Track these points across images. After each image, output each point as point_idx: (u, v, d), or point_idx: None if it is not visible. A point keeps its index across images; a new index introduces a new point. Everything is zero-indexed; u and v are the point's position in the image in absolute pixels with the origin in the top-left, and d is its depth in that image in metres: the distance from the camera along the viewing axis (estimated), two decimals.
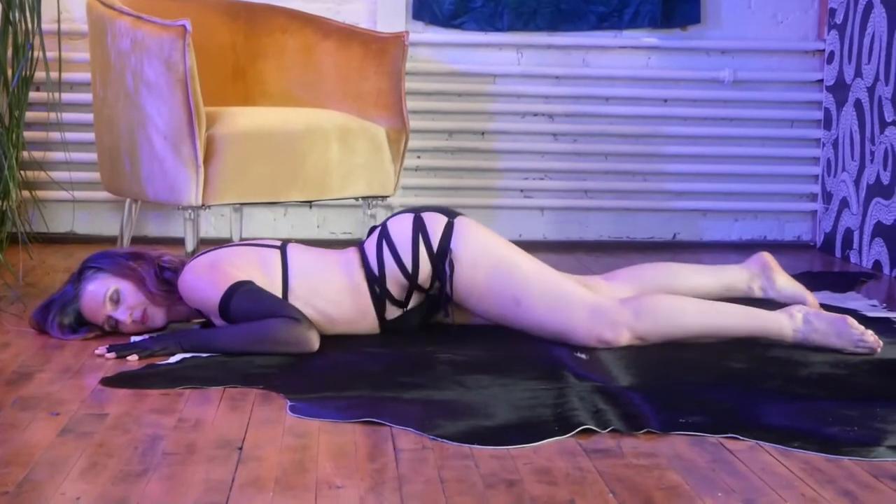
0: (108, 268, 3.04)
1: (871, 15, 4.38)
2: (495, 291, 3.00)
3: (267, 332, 2.86)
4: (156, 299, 3.04)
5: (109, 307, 3.03)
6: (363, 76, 4.16)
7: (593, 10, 4.83)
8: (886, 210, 4.24)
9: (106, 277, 3.03)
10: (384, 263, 3.03)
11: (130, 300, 3.03)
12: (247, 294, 2.91)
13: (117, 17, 3.78)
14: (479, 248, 3.01)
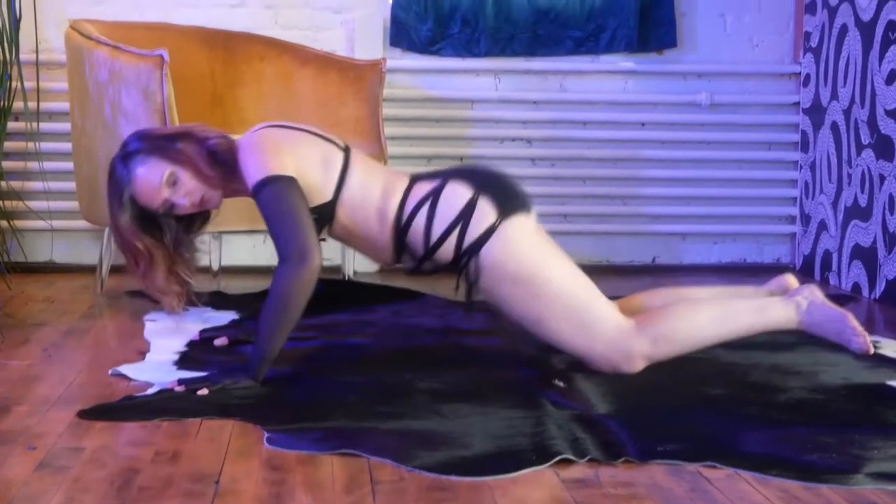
0: (158, 152, 2.93)
1: (845, 38, 4.41)
2: (516, 306, 2.95)
3: (284, 302, 2.78)
4: (211, 182, 2.95)
5: (167, 191, 2.92)
6: (341, 103, 4.17)
7: (570, 35, 4.85)
8: (864, 232, 4.26)
9: (158, 161, 2.92)
10: (413, 221, 2.97)
11: (188, 185, 2.93)
12: (277, 193, 2.82)
13: (95, 48, 3.78)
14: (507, 264, 2.92)
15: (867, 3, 4.23)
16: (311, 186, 2.93)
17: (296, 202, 2.84)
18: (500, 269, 2.93)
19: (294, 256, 2.80)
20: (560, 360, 3.10)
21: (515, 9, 4.82)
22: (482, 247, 2.93)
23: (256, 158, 2.89)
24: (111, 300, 4.06)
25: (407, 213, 2.97)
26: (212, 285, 4.35)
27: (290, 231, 2.82)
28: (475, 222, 2.94)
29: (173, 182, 2.92)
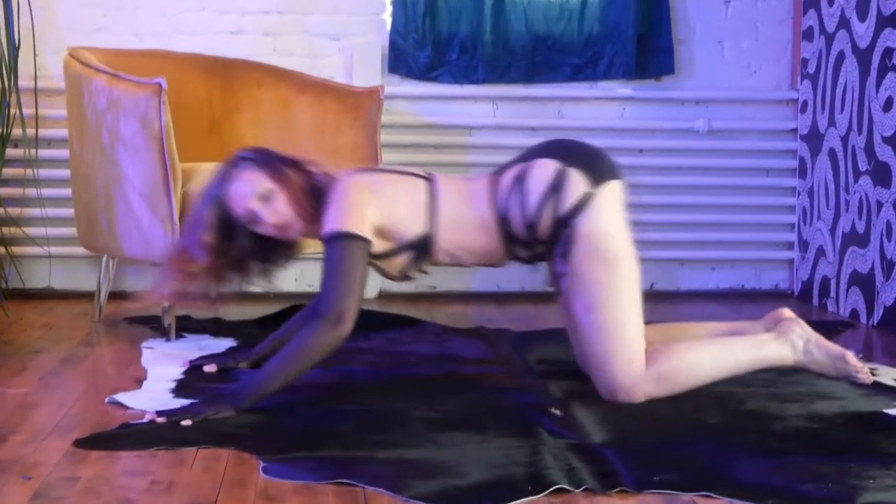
0: (266, 167, 3.01)
1: (843, 65, 4.42)
2: (586, 282, 2.95)
3: (303, 354, 2.82)
4: (301, 213, 3.00)
5: (257, 203, 2.99)
6: (339, 130, 4.18)
7: (568, 62, 4.86)
8: (862, 259, 4.27)
9: (262, 174, 3.00)
10: (509, 209, 2.99)
11: (279, 205, 2.99)
12: (343, 251, 2.86)
13: (93, 76, 3.79)
14: (599, 238, 2.93)
15: (864, 30, 4.25)
16: (403, 222, 2.99)
17: (356, 266, 2.89)
18: (592, 239, 2.94)
19: (331, 316, 2.84)
20: (557, 387, 3.11)
21: (513, 36, 4.84)
22: (578, 215, 2.94)
23: (338, 209, 2.94)
24: (109, 327, 4.06)
25: (501, 205, 3.00)
26: (209, 312, 4.34)
27: (338, 292, 2.86)
28: (567, 192, 2.96)
29: (266, 198, 2.99)
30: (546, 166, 3.00)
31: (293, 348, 2.85)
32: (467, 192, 3.07)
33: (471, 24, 4.80)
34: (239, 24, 4.74)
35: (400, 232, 3.00)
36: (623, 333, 2.94)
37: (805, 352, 3.04)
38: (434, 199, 3.02)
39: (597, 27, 4.86)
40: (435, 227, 3.01)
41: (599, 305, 2.94)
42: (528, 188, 2.99)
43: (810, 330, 3.09)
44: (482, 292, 4.90)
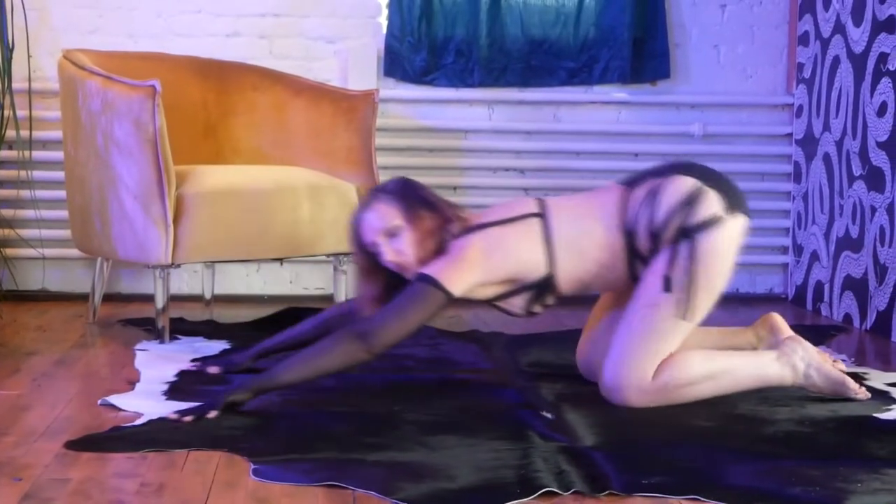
0: (404, 203, 3.03)
1: (837, 70, 4.43)
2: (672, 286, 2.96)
3: (325, 357, 2.86)
4: (421, 257, 3.02)
5: (381, 237, 3.03)
6: (334, 133, 4.19)
7: (563, 66, 4.87)
8: (856, 263, 4.27)
9: (397, 210, 3.02)
10: (637, 222, 3.00)
11: (402, 245, 3.02)
12: (425, 298, 2.89)
13: (88, 78, 3.80)
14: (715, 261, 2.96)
15: (859, 35, 4.25)
16: (521, 271, 3.02)
17: (422, 313, 2.90)
18: (708, 261, 2.95)
19: (369, 336, 2.87)
20: (549, 391, 3.12)
21: (509, 40, 4.84)
22: (703, 232, 2.95)
23: (448, 261, 2.97)
24: (103, 329, 4.06)
25: (630, 219, 3.01)
26: (204, 314, 4.35)
27: (389, 322, 2.88)
28: (700, 208, 2.97)
29: (392, 234, 3.02)
30: (684, 181, 3.01)
31: (318, 351, 2.88)
32: (591, 207, 3.07)
33: (466, 28, 4.81)
34: (235, 26, 4.75)
35: (519, 278, 3.03)
36: (659, 345, 2.96)
37: (805, 375, 3.05)
38: (549, 237, 3.03)
39: (592, 31, 4.87)
40: (554, 265, 3.02)
41: (663, 310, 2.96)
42: (660, 200, 2.99)
43: (813, 352, 3.09)
44: None
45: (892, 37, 4.03)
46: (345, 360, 2.87)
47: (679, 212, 2.97)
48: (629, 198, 3.05)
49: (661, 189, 3.01)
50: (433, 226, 3.04)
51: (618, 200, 3.06)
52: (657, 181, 3.04)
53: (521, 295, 3.07)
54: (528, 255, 3.03)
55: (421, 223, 3.03)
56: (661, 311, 2.96)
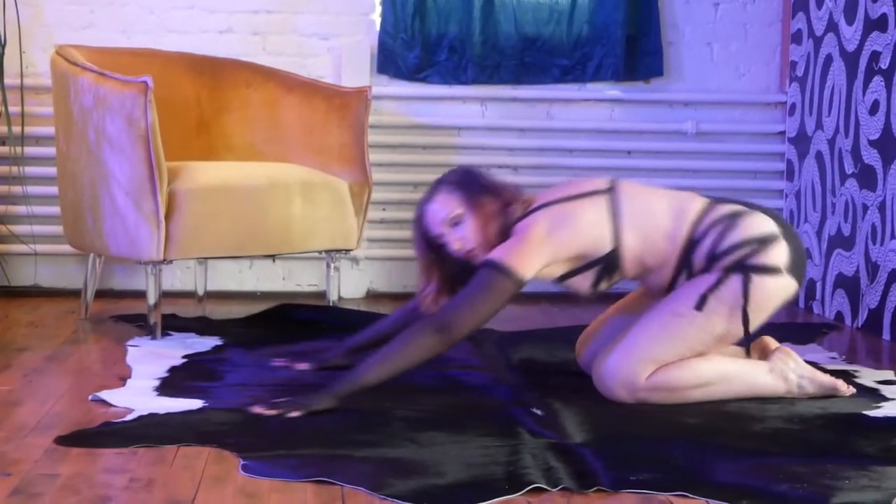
0: (464, 191, 3.05)
1: (830, 68, 4.43)
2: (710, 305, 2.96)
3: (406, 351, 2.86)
4: (487, 242, 3.03)
5: (446, 228, 3.05)
6: (326, 130, 4.19)
7: (557, 63, 4.87)
8: (847, 261, 4.28)
9: (457, 199, 3.05)
10: (707, 235, 3.00)
11: (467, 232, 3.04)
12: (494, 284, 2.90)
13: (80, 73, 3.80)
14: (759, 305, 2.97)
15: (851, 34, 4.26)
16: (590, 244, 3.01)
17: (495, 298, 2.92)
18: (750, 302, 2.96)
19: (445, 325, 2.88)
20: (539, 387, 3.12)
21: (502, 37, 4.84)
22: (760, 275, 2.96)
23: (513, 244, 2.97)
24: (95, 325, 4.07)
25: (700, 231, 3.01)
26: (197, 310, 4.35)
27: (464, 311, 2.90)
28: (769, 253, 2.97)
29: (455, 224, 3.04)
30: (766, 222, 3.02)
31: (396, 347, 2.89)
32: (668, 201, 3.08)
33: (460, 25, 4.81)
34: (228, 22, 4.75)
35: (586, 254, 3.02)
36: (663, 352, 2.97)
37: (798, 386, 3.07)
38: (616, 212, 3.03)
39: (586, 29, 4.87)
40: (620, 240, 3.02)
41: (683, 323, 2.96)
42: (737, 226, 3.00)
43: (803, 363, 3.10)
44: None
45: (884, 35, 4.03)
46: (423, 354, 2.88)
47: (748, 246, 2.98)
48: (709, 211, 3.05)
49: (743, 218, 3.02)
50: (495, 209, 3.05)
51: (697, 209, 3.06)
52: (743, 208, 3.05)
53: (588, 273, 3.06)
54: (594, 230, 3.01)
55: (483, 208, 3.04)
56: (681, 323, 2.97)
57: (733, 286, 2.96)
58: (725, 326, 2.98)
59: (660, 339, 2.97)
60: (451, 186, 3.08)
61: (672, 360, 2.98)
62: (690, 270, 3.03)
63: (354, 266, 4.83)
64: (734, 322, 2.97)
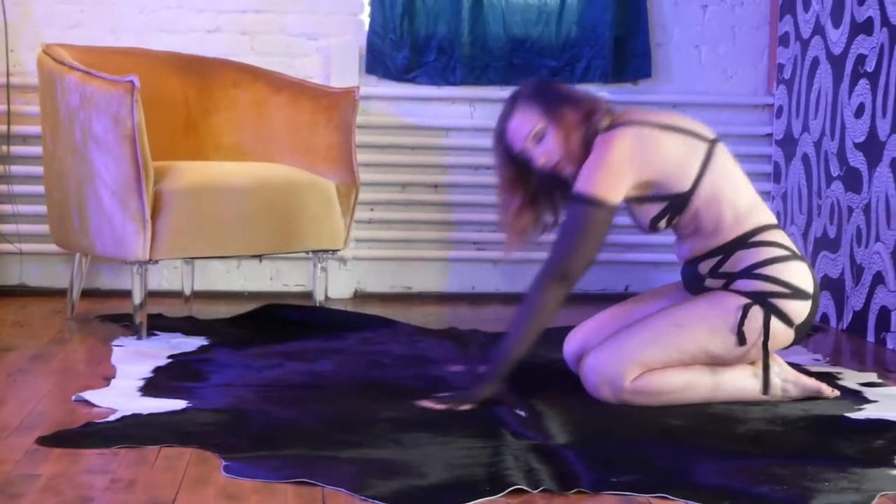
0: (543, 103, 3.04)
1: (817, 71, 4.44)
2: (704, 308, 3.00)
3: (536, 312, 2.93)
4: (572, 155, 3.03)
5: (530, 143, 3.04)
6: (313, 130, 4.19)
7: (545, 64, 4.88)
8: (833, 263, 4.29)
9: (537, 112, 3.04)
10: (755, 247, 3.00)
11: (550, 146, 3.03)
12: (587, 216, 2.91)
13: (67, 73, 3.80)
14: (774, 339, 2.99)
15: (838, 37, 4.27)
16: (671, 175, 2.99)
17: (593, 232, 2.93)
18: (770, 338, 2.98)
19: (557, 273, 2.93)
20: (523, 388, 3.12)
21: (491, 38, 4.85)
22: (778, 319, 2.97)
23: (595, 169, 2.96)
24: (81, 324, 4.06)
25: (760, 238, 3.01)
26: (184, 310, 4.35)
27: (570, 250, 2.93)
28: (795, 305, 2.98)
29: (539, 138, 3.03)
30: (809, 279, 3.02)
31: (524, 310, 2.95)
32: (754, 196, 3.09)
33: (449, 26, 4.82)
34: (216, 22, 4.75)
35: (662, 185, 3.00)
36: (660, 355, 2.97)
37: (783, 390, 3.07)
38: (708, 164, 3.02)
39: (574, 30, 4.88)
40: (698, 186, 3.00)
41: (686, 334, 2.98)
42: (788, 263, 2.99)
43: (787, 367, 3.11)
44: (457, 293, 4.91)
45: (869, 38, 4.04)
46: (554, 305, 2.94)
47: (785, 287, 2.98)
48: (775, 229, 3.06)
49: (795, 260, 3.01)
50: (577, 119, 3.03)
51: (769, 218, 3.07)
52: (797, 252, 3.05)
53: (657, 204, 3.04)
54: (682, 164, 3.00)
55: (564, 120, 3.03)
56: (680, 335, 2.97)
57: (755, 322, 2.96)
58: (723, 349, 2.98)
59: (654, 345, 2.98)
60: (528, 101, 3.06)
61: (659, 367, 2.98)
62: (723, 261, 3.03)
63: (342, 266, 4.83)
64: (731, 349, 2.98)
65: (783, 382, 3.07)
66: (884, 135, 3.94)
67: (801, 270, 3.02)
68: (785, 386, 3.07)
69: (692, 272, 3.10)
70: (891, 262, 3.88)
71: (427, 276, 4.91)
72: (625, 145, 2.97)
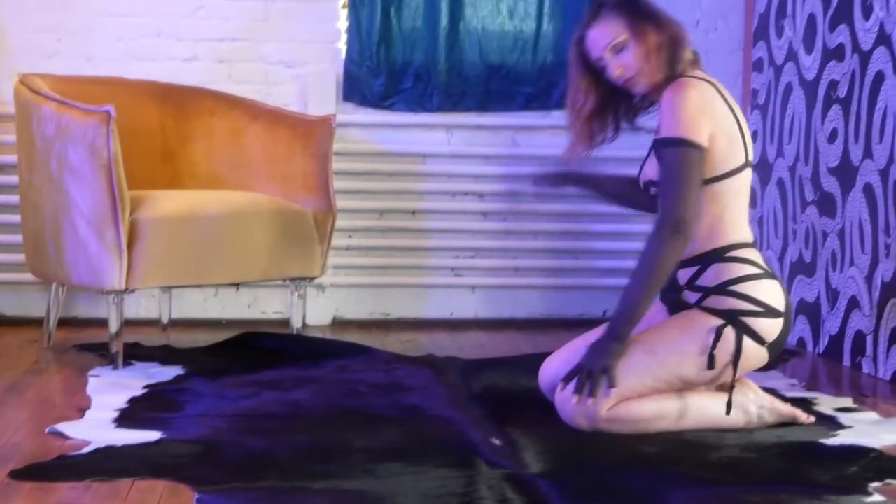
0: (629, 18, 3.05)
1: (790, 96, 4.47)
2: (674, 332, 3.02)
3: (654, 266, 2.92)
4: (649, 73, 3.05)
5: (608, 53, 3.05)
6: (290, 159, 4.20)
7: (522, 90, 4.90)
8: (809, 288, 4.30)
9: (622, 23, 3.05)
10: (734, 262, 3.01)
11: (629, 60, 3.05)
12: (685, 159, 2.91)
13: (43, 103, 3.80)
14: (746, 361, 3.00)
15: (810, 63, 4.30)
16: (713, 155, 2.99)
17: (696, 174, 2.93)
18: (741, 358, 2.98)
19: (670, 224, 2.91)
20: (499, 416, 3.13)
21: (468, 65, 4.87)
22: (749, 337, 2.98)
23: (680, 111, 2.96)
24: (58, 354, 4.06)
25: (736, 253, 3.03)
26: (161, 339, 4.34)
27: (679, 199, 2.92)
28: (766, 323, 2.99)
29: (618, 50, 3.05)
30: (781, 297, 3.02)
31: (642, 265, 2.94)
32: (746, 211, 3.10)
33: (425, 53, 4.83)
34: (194, 50, 4.76)
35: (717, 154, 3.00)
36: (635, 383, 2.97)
37: (758, 416, 3.08)
38: (737, 173, 3.04)
39: (550, 57, 4.90)
40: (716, 184, 3.01)
41: (657, 361, 2.98)
42: (761, 281, 3.01)
43: (762, 394, 3.12)
44: (435, 319, 4.91)
45: (841, 65, 4.07)
46: (674, 256, 2.93)
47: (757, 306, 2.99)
48: (753, 247, 3.09)
49: (769, 279, 3.02)
50: (660, 41, 3.04)
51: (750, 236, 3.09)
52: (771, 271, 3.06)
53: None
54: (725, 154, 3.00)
55: (647, 38, 3.04)
56: (651, 362, 2.97)
57: (727, 344, 2.97)
58: (695, 374, 2.99)
59: (628, 373, 2.97)
60: (613, 11, 3.07)
61: (634, 396, 2.99)
62: (700, 273, 3.04)
63: (321, 293, 4.83)
64: (704, 373, 2.99)
65: (759, 409, 3.08)
66: (857, 160, 3.96)
67: (772, 289, 3.03)
68: (760, 413, 3.08)
69: (670, 282, 3.11)
70: (865, 286, 3.90)
71: (405, 303, 4.91)
72: (705, 97, 2.99)
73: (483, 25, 4.88)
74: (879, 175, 3.82)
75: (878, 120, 3.84)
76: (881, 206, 3.81)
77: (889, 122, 3.77)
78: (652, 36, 3.05)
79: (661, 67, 3.05)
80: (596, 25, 3.08)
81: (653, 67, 3.04)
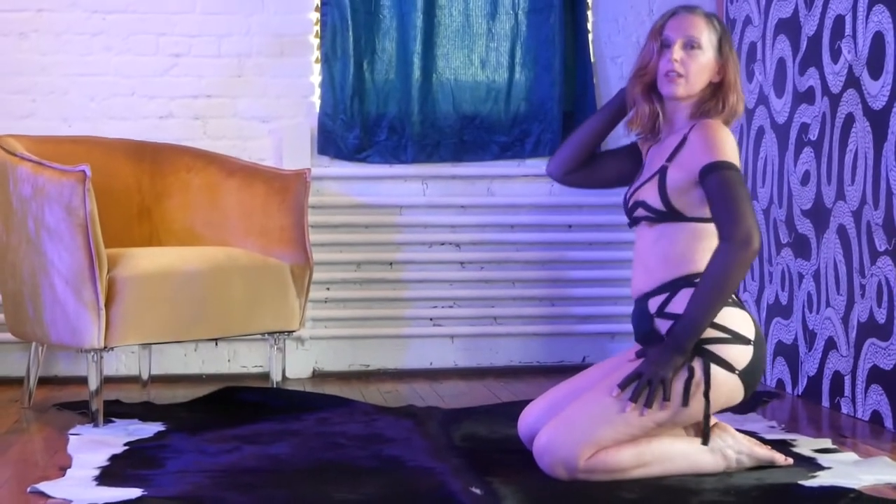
0: (723, 38, 3.11)
1: (763, 140, 4.52)
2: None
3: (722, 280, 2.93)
4: (691, 87, 3.10)
5: (676, 49, 3.09)
6: (266, 213, 4.22)
7: (496, 140, 4.94)
8: (786, 329, 4.33)
9: (714, 36, 3.11)
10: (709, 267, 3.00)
11: (689, 61, 3.09)
12: (735, 179, 2.97)
13: (19, 164, 3.82)
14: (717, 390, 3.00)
15: (781, 106, 4.35)
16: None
17: (746, 191, 2.99)
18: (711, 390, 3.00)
19: (738, 238, 2.94)
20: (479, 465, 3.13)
21: (441, 116, 4.91)
22: (718, 366, 2.99)
23: (723, 142, 3.02)
24: (39, 413, 4.04)
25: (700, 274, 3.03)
26: (141, 395, 4.34)
27: (741, 215, 2.95)
28: (735, 350, 3.00)
29: (692, 47, 3.09)
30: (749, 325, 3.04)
31: (711, 279, 2.95)
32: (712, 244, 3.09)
33: (399, 105, 4.87)
34: (168, 108, 4.78)
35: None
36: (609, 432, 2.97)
37: (737, 461, 3.09)
38: None
39: (523, 106, 4.94)
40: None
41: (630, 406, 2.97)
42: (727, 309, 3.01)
43: (741, 438, 3.12)
44: (415, 369, 4.92)
45: (811, 107, 4.12)
46: (744, 269, 2.95)
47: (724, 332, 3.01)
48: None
49: (734, 307, 3.04)
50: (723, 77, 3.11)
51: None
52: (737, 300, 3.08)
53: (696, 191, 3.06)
54: None
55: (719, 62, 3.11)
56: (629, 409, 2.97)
57: (697, 380, 2.98)
58: (669, 416, 3.00)
59: (603, 423, 2.97)
60: (716, 23, 3.13)
61: (612, 445, 3.00)
62: (669, 299, 3.05)
63: (300, 346, 4.84)
64: (679, 413, 3.00)
65: (737, 455, 3.09)
66: (829, 202, 4.00)
67: (739, 317, 3.04)
68: (739, 458, 3.09)
69: (642, 311, 3.12)
70: (842, 327, 3.93)
71: (385, 354, 4.92)
72: (731, 136, 3.06)
73: (456, 76, 4.92)
74: (852, 216, 3.85)
75: (849, 161, 3.88)
76: (855, 246, 3.84)
77: (860, 164, 3.81)
78: (723, 66, 3.12)
79: (705, 96, 3.12)
80: (694, 17, 3.13)
81: (700, 86, 3.11)
